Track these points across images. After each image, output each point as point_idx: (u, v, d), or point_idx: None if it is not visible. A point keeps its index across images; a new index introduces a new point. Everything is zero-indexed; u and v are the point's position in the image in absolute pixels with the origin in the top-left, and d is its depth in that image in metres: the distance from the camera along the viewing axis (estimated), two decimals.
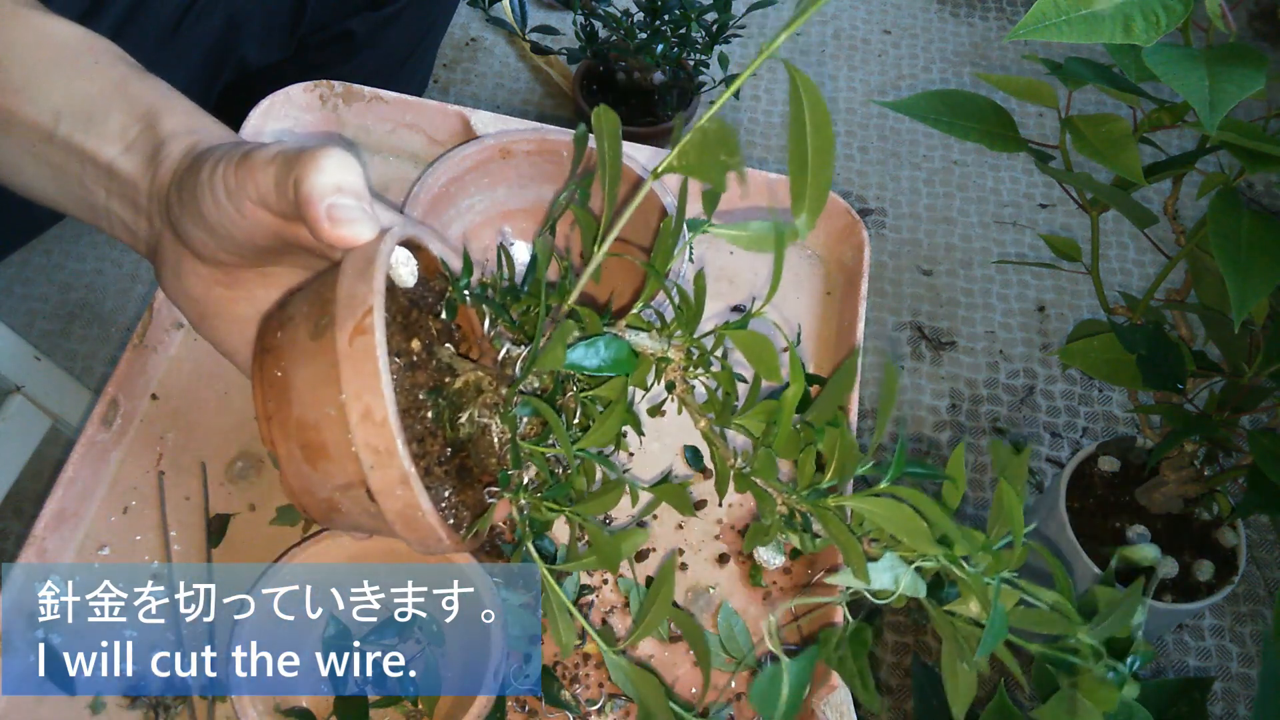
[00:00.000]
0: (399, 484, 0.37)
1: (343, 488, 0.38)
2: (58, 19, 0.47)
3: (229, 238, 0.40)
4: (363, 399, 0.36)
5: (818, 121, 0.34)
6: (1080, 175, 0.70)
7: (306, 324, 0.38)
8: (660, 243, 0.41)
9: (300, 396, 0.37)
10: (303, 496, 0.39)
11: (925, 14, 1.76)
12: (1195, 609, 0.95)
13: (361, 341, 0.36)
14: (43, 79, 0.44)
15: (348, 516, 0.40)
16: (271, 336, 0.39)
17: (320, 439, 0.37)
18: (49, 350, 1.05)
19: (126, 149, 0.43)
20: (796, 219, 0.36)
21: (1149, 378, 0.75)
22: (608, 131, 0.39)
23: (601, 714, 0.54)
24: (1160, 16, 0.53)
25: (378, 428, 0.36)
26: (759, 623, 0.57)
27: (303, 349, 0.38)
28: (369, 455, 0.36)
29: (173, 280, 0.44)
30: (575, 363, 0.39)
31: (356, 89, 0.70)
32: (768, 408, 0.40)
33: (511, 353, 0.42)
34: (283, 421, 0.38)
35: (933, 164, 1.56)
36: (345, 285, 0.37)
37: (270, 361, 0.38)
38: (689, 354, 0.43)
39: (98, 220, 0.46)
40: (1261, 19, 1.75)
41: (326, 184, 0.37)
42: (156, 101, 0.45)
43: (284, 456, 0.39)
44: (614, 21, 1.32)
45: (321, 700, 0.53)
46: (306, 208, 0.37)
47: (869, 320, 1.41)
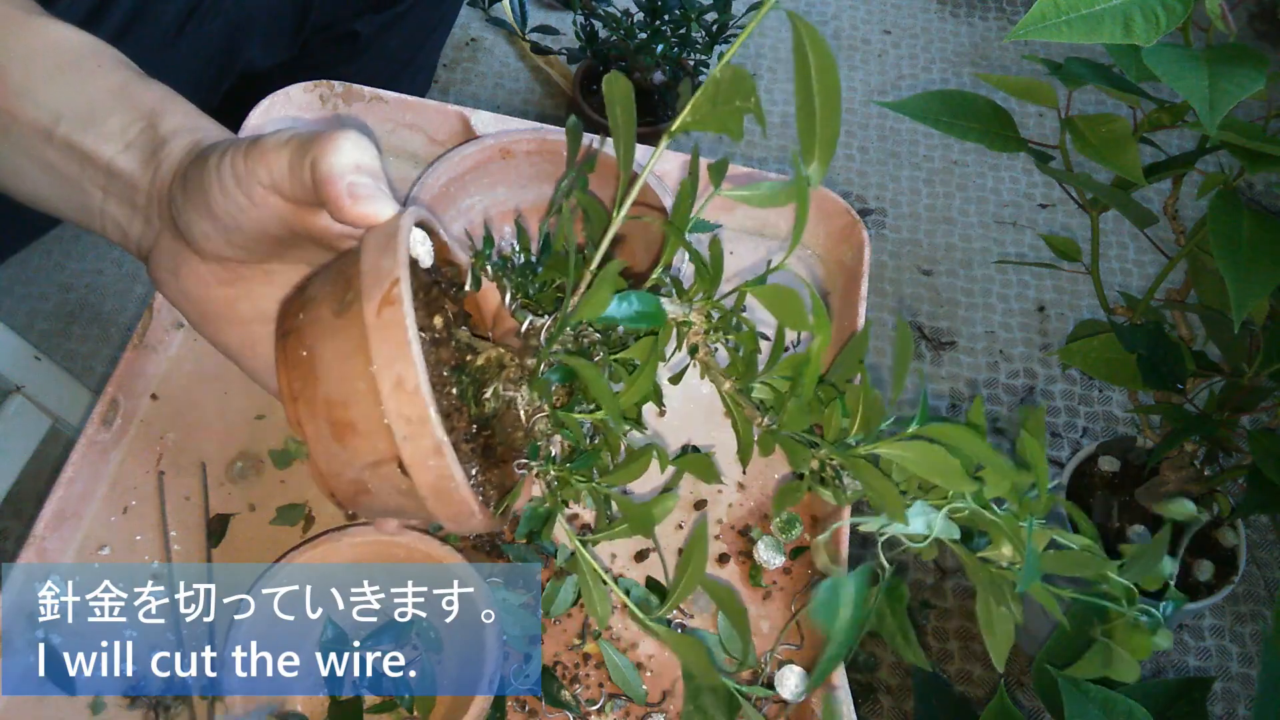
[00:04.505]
0: (433, 453, 0.37)
1: (373, 465, 0.38)
2: (60, 24, 0.47)
3: (237, 228, 0.40)
4: (394, 368, 0.35)
5: (822, 66, 0.34)
6: (1080, 175, 0.70)
7: (330, 302, 0.38)
8: (678, 203, 0.41)
9: (327, 374, 0.37)
10: (331, 479, 0.39)
11: (925, 14, 1.76)
12: (1195, 609, 0.95)
13: (390, 312, 0.35)
14: (43, 82, 0.44)
15: (377, 497, 0.39)
16: (293, 319, 0.39)
17: (349, 415, 0.37)
18: (49, 350, 1.05)
19: (126, 147, 0.43)
20: (808, 169, 0.36)
21: (1149, 378, 0.75)
22: (619, 98, 0.38)
23: (601, 714, 0.54)
24: (1160, 16, 0.53)
25: (410, 396, 0.35)
26: (759, 622, 0.57)
27: (328, 326, 0.37)
28: (402, 425, 0.36)
29: (170, 281, 0.44)
30: (609, 315, 0.39)
31: (356, 89, 0.70)
32: (794, 360, 0.40)
33: (535, 324, 0.43)
34: (309, 400, 0.38)
35: (933, 164, 1.56)
36: (369, 259, 0.37)
37: (293, 343, 0.38)
38: (709, 317, 0.43)
39: (91, 223, 0.45)
40: (1261, 19, 1.75)
41: (346, 163, 0.37)
42: (157, 104, 0.45)
43: (312, 436, 0.38)
44: (614, 21, 1.32)
45: (319, 702, 0.53)
46: (327, 186, 0.37)
47: (869, 320, 1.41)
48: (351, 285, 0.37)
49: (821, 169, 0.35)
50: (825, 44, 0.33)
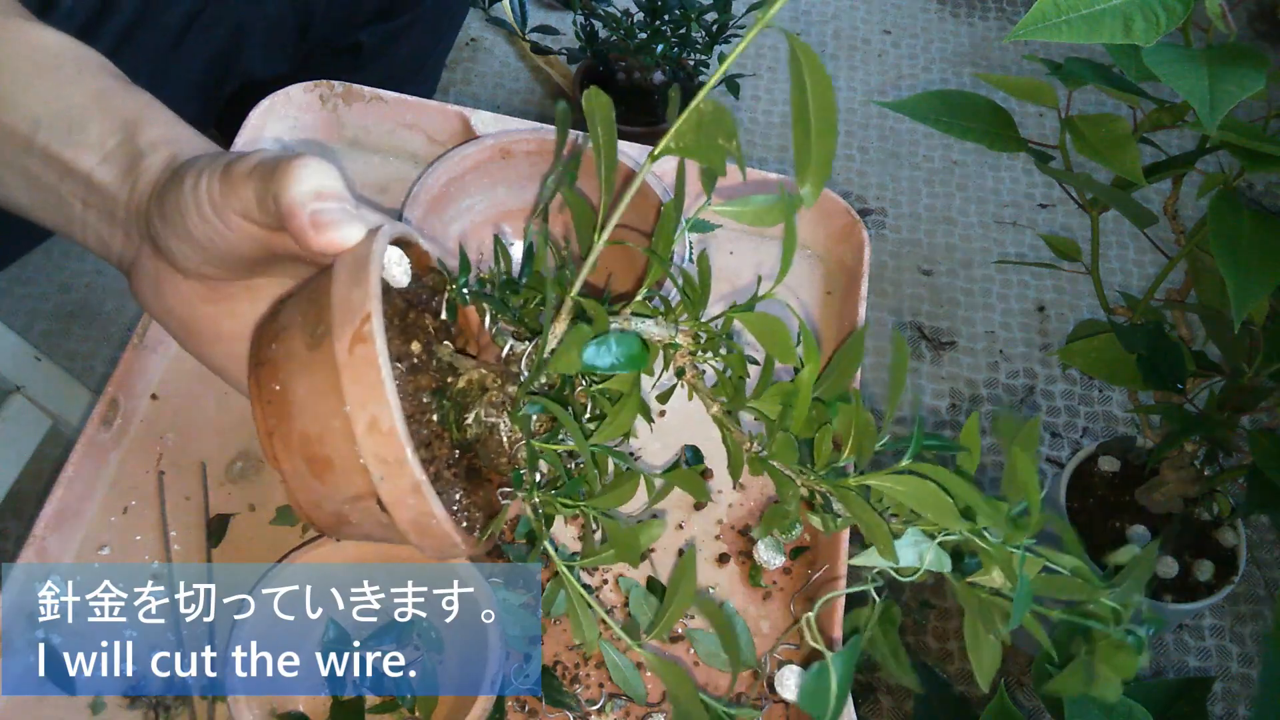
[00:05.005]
0: (410, 493, 0.36)
1: (352, 500, 0.37)
2: (43, 28, 0.46)
3: (214, 251, 0.39)
4: (368, 409, 0.34)
5: (818, 87, 0.34)
6: (1080, 175, 0.70)
7: (302, 334, 0.37)
8: (662, 226, 0.40)
9: (301, 410, 0.36)
10: (311, 510, 0.38)
11: (925, 14, 1.76)
12: (1195, 609, 0.95)
13: (362, 350, 0.34)
14: (24, 87, 0.43)
15: (359, 527, 0.39)
16: (265, 349, 0.38)
17: (325, 452, 0.36)
18: (49, 350, 1.05)
19: (104, 159, 0.42)
20: (801, 188, 0.35)
21: (1149, 378, 0.75)
22: (600, 115, 0.37)
23: (601, 714, 0.54)
24: (1160, 16, 0.53)
25: (385, 438, 0.34)
26: (759, 622, 0.57)
27: (300, 361, 0.36)
28: (378, 466, 0.35)
29: (152, 297, 0.43)
30: (588, 363, 0.38)
31: (356, 89, 0.70)
32: (783, 389, 0.39)
33: (515, 349, 0.41)
34: (285, 436, 0.37)
35: (933, 164, 1.56)
36: (340, 291, 0.36)
37: (267, 375, 0.37)
38: (697, 338, 0.42)
39: (73, 232, 0.44)
40: (1261, 19, 1.75)
41: (305, 192, 0.36)
42: (136, 112, 0.44)
43: (289, 472, 0.37)
44: (614, 21, 1.32)
45: (320, 702, 0.53)
46: (290, 220, 0.36)
47: (869, 320, 1.41)
48: (322, 318, 0.36)
49: (815, 191, 0.35)
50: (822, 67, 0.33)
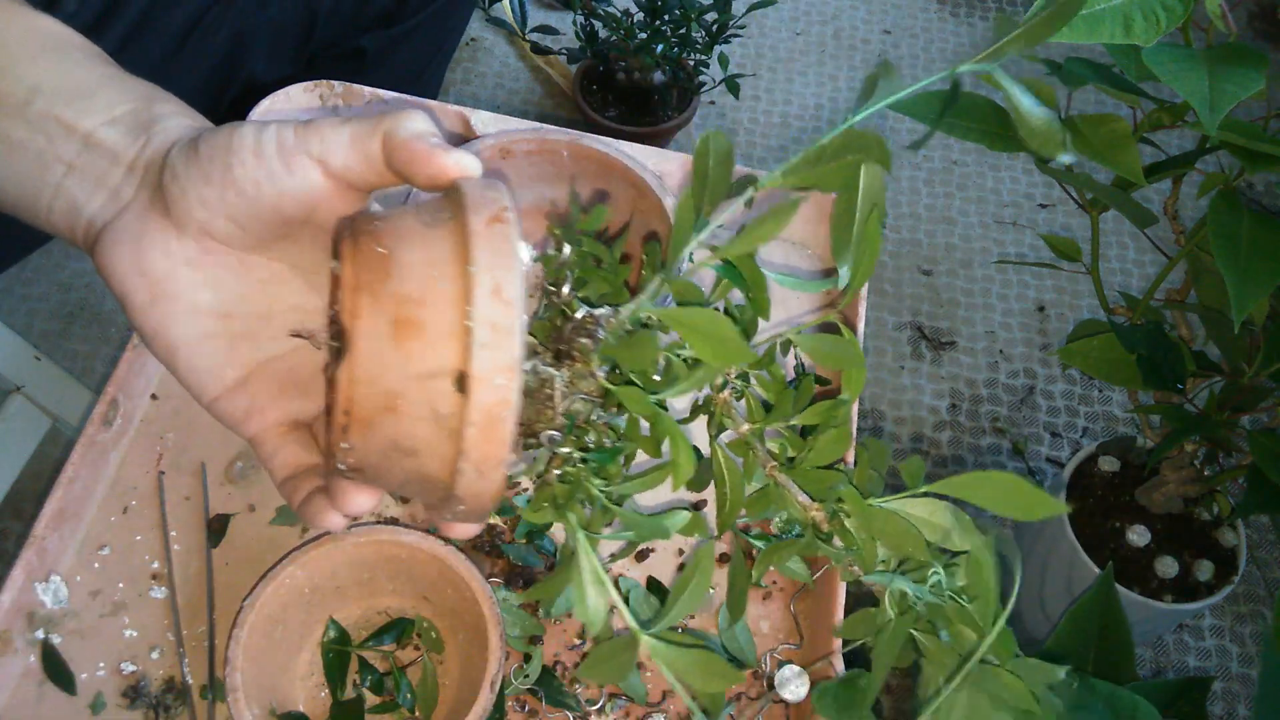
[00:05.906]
0: (504, 370, 0.35)
1: (421, 376, 0.36)
2: (49, 17, 0.46)
3: (252, 199, 0.39)
4: (494, 274, 0.35)
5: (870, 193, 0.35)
6: (1080, 175, 0.70)
7: (417, 220, 0.37)
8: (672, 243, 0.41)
9: (405, 270, 0.36)
10: (363, 385, 0.36)
11: (925, 14, 1.76)
12: (1195, 609, 0.95)
13: (499, 226, 0.35)
14: (26, 63, 0.43)
15: (400, 421, 0.37)
16: (368, 223, 0.38)
17: (420, 315, 0.35)
18: (49, 350, 1.05)
19: (111, 122, 0.42)
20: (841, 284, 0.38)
21: (1149, 378, 0.75)
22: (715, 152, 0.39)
23: (601, 714, 0.54)
24: (1160, 16, 0.53)
25: (505, 305, 0.35)
26: (759, 623, 0.57)
27: (415, 233, 0.37)
28: (486, 331, 0.35)
29: (131, 254, 0.40)
30: None
31: (356, 89, 0.70)
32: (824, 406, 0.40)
33: (593, 313, 0.42)
34: (375, 293, 0.35)
35: (933, 164, 1.56)
36: (474, 190, 0.37)
37: (367, 241, 0.37)
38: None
39: (38, 204, 0.42)
40: (1261, 19, 1.75)
41: (422, 129, 0.38)
42: (149, 90, 0.44)
43: (364, 332, 0.36)
44: (614, 21, 1.32)
45: (321, 702, 0.53)
46: (410, 145, 0.38)
47: (869, 320, 1.41)
48: (447, 207, 0.37)
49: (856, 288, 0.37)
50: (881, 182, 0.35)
